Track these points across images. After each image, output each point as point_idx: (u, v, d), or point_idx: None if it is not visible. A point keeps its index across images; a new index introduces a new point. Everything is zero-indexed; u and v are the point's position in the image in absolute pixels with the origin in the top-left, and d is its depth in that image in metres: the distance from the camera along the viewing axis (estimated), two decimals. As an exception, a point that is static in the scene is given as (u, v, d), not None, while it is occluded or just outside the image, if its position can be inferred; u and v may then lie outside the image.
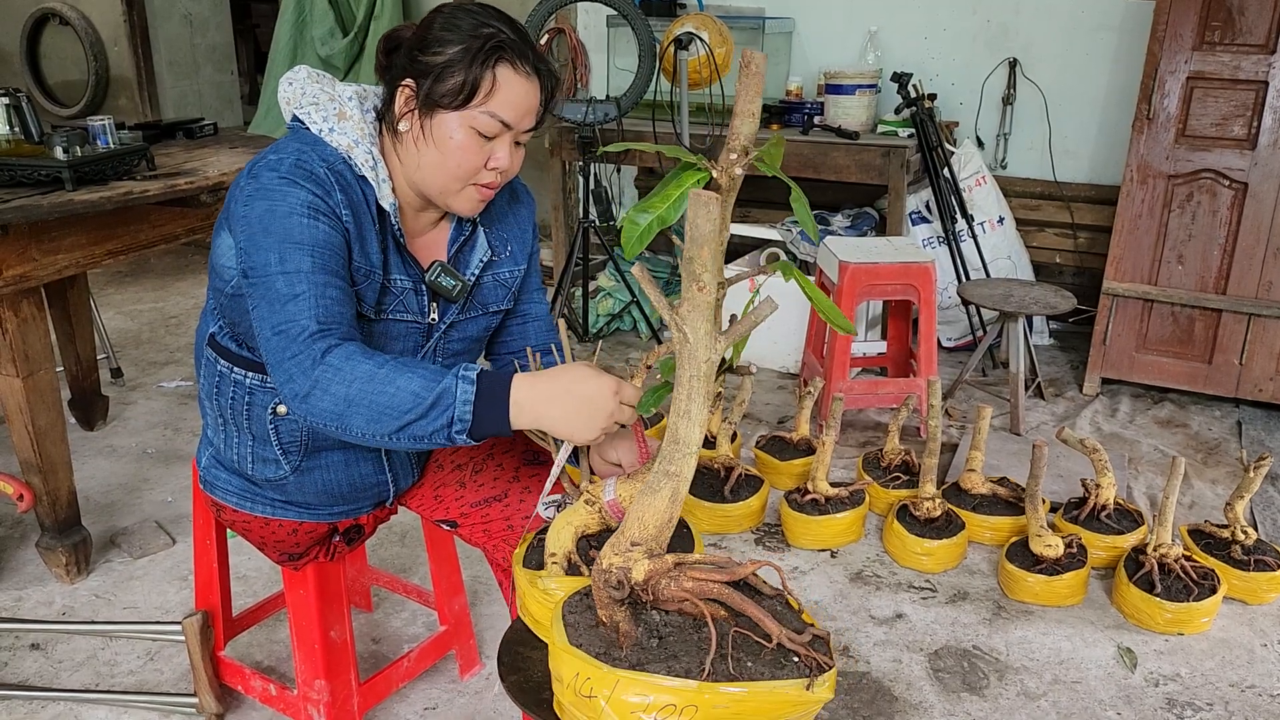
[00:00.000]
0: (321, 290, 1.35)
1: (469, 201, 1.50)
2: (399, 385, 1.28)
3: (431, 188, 1.48)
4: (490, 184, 1.48)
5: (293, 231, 1.36)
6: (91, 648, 2.29)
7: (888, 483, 2.89)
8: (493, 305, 1.66)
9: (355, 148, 1.45)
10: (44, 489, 2.43)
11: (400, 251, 1.52)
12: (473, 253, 1.61)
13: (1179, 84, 3.41)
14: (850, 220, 4.19)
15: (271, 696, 1.99)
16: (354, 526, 1.76)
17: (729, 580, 1.18)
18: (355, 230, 1.43)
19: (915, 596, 2.52)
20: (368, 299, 1.47)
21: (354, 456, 1.63)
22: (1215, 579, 2.39)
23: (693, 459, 1.17)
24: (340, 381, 1.29)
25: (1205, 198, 3.46)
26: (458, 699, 2.14)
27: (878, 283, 3.26)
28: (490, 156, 1.45)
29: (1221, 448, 3.36)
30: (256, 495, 1.66)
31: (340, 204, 1.40)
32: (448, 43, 1.40)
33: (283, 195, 1.37)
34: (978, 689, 2.19)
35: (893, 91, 4.08)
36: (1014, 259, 4.21)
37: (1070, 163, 4.31)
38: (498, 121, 1.42)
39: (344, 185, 1.42)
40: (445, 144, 1.43)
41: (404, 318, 1.53)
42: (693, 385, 1.12)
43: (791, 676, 1.10)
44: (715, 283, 1.08)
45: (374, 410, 1.27)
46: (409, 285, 1.53)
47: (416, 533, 2.75)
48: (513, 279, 1.68)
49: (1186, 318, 3.57)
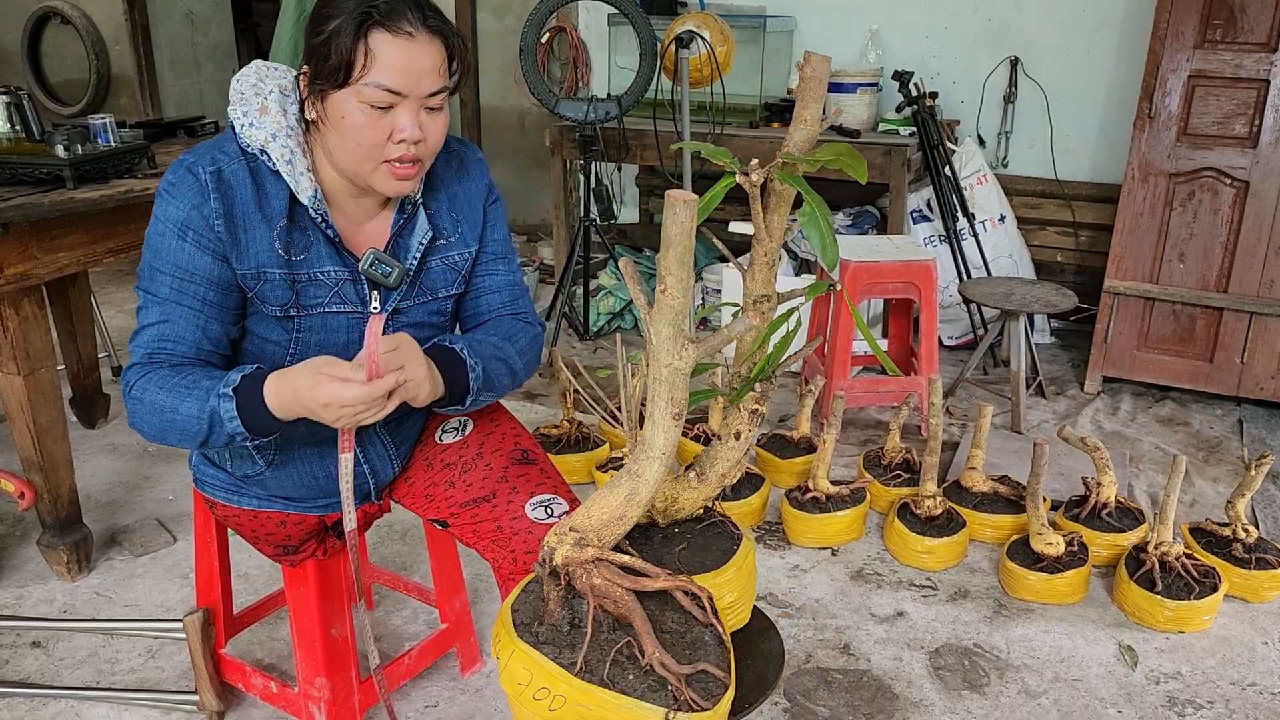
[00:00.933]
0: (166, 316, 1.44)
1: (389, 180, 1.46)
2: (182, 412, 1.39)
3: (348, 171, 1.47)
4: (404, 158, 1.44)
5: (161, 250, 1.44)
6: (93, 645, 2.29)
7: (889, 481, 2.89)
8: (442, 290, 1.63)
9: (272, 141, 1.45)
10: (45, 487, 2.43)
11: (330, 243, 1.50)
12: (412, 235, 1.58)
13: (1180, 82, 3.40)
14: (851, 219, 4.20)
15: (272, 694, 1.99)
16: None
17: (633, 588, 1.17)
18: (233, 237, 1.43)
19: (916, 594, 2.52)
20: (274, 298, 1.48)
21: (327, 450, 1.64)
22: (1216, 577, 2.39)
23: (657, 463, 1.16)
24: (146, 412, 1.42)
25: (1207, 196, 3.46)
26: (459, 697, 2.14)
27: (879, 281, 3.26)
28: (393, 129, 1.41)
29: (1223, 446, 3.36)
30: (242, 489, 1.68)
31: (214, 213, 1.42)
32: (327, 19, 1.39)
33: (163, 210, 1.44)
34: (978, 687, 2.19)
35: (894, 90, 4.08)
36: (1015, 257, 4.20)
37: (1071, 161, 4.31)
38: (385, 91, 1.38)
39: (228, 189, 1.44)
40: (342, 124, 1.41)
41: (342, 309, 1.53)
42: (657, 390, 1.11)
43: (657, 703, 1.09)
44: (680, 286, 1.06)
45: (178, 434, 1.42)
46: (345, 276, 1.52)
47: (417, 531, 2.76)
48: (463, 262, 1.64)
49: (1188, 316, 3.56)
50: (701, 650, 1.16)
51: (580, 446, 3.07)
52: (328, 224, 1.49)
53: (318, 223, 1.49)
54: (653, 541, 1.36)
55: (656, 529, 1.38)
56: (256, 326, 1.53)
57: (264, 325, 1.53)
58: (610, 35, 4.69)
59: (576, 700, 1.11)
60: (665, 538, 1.37)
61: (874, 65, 4.26)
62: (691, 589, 1.21)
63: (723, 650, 1.17)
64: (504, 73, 5.43)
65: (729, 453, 1.28)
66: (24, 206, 2.15)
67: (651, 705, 1.09)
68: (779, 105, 4.33)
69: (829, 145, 1.19)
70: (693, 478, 1.33)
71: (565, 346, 4.22)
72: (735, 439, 1.26)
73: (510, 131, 5.62)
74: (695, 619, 1.20)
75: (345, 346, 1.56)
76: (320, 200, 1.48)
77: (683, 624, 1.19)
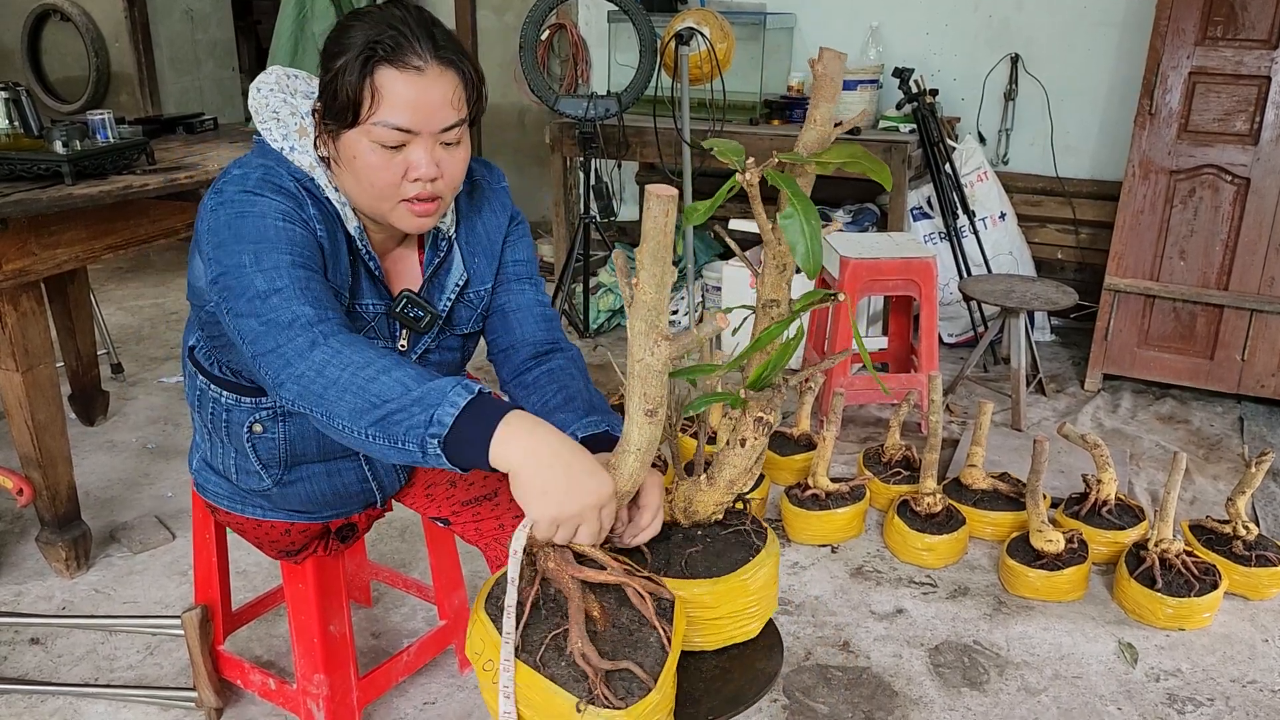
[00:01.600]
0: (305, 283, 1.28)
1: (408, 218, 1.39)
2: (394, 375, 1.18)
3: (366, 210, 1.40)
4: (423, 196, 1.37)
5: (267, 233, 1.30)
6: (91, 642, 2.29)
7: (888, 478, 2.89)
8: (461, 328, 1.58)
9: (316, 168, 1.39)
10: (44, 484, 2.43)
11: (370, 276, 1.46)
12: (448, 276, 1.53)
13: (1181, 79, 3.40)
14: (851, 216, 4.19)
15: (271, 691, 1.98)
16: (347, 525, 1.75)
17: (578, 576, 1.18)
18: (330, 245, 1.37)
19: (916, 592, 2.52)
20: None
21: (335, 468, 1.60)
22: (1216, 574, 2.39)
23: (631, 457, 1.16)
24: (337, 365, 1.20)
25: (1207, 193, 3.45)
26: (457, 693, 2.14)
27: (879, 278, 3.25)
28: (408, 167, 1.34)
29: (1223, 443, 3.36)
30: (245, 499, 1.66)
31: (314, 218, 1.36)
32: (335, 56, 1.32)
33: (252, 204, 1.32)
34: (978, 684, 2.18)
35: (894, 87, 4.07)
36: (1015, 255, 4.20)
37: (1072, 158, 4.30)
38: (395, 130, 1.31)
39: (316, 201, 1.38)
40: (355, 164, 1.35)
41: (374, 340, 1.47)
42: (631, 385, 1.11)
43: (576, 693, 1.10)
44: (654, 282, 1.04)
45: (361, 398, 1.17)
46: (381, 310, 1.48)
47: (416, 528, 2.75)
48: (479, 300, 1.59)
49: (1188, 314, 3.56)
50: (641, 650, 1.15)
51: (580, 443, 3.06)
52: (370, 255, 1.44)
53: (362, 254, 1.44)
54: (669, 541, 1.35)
55: (678, 529, 1.37)
56: None
57: None
58: (610, 32, 4.69)
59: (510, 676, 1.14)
60: (685, 538, 1.36)
61: (874, 62, 4.26)
62: (650, 589, 1.20)
63: (661, 654, 1.15)
64: (504, 70, 5.42)
65: (735, 459, 1.27)
66: (22, 202, 2.15)
67: (567, 694, 1.10)
68: (779, 102, 4.33)
69: (844, 146, 1.16)
70: (703, 481, 1.33)
71: (565, 344, 4.21)
72: (741, 446, 1.25)
73: (510, 129, 5.61)
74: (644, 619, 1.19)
75: None
76: (363, 231, 1.44)
77: (635, 621, 1.19)
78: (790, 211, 1.08)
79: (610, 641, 1.16)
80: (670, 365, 1.10)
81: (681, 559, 1.32)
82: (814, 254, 1.07)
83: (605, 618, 1.18)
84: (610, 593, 1.22)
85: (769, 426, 1.23)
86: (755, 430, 1.22)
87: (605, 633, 1.17)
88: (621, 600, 1.21)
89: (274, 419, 1.53)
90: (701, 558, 1.33)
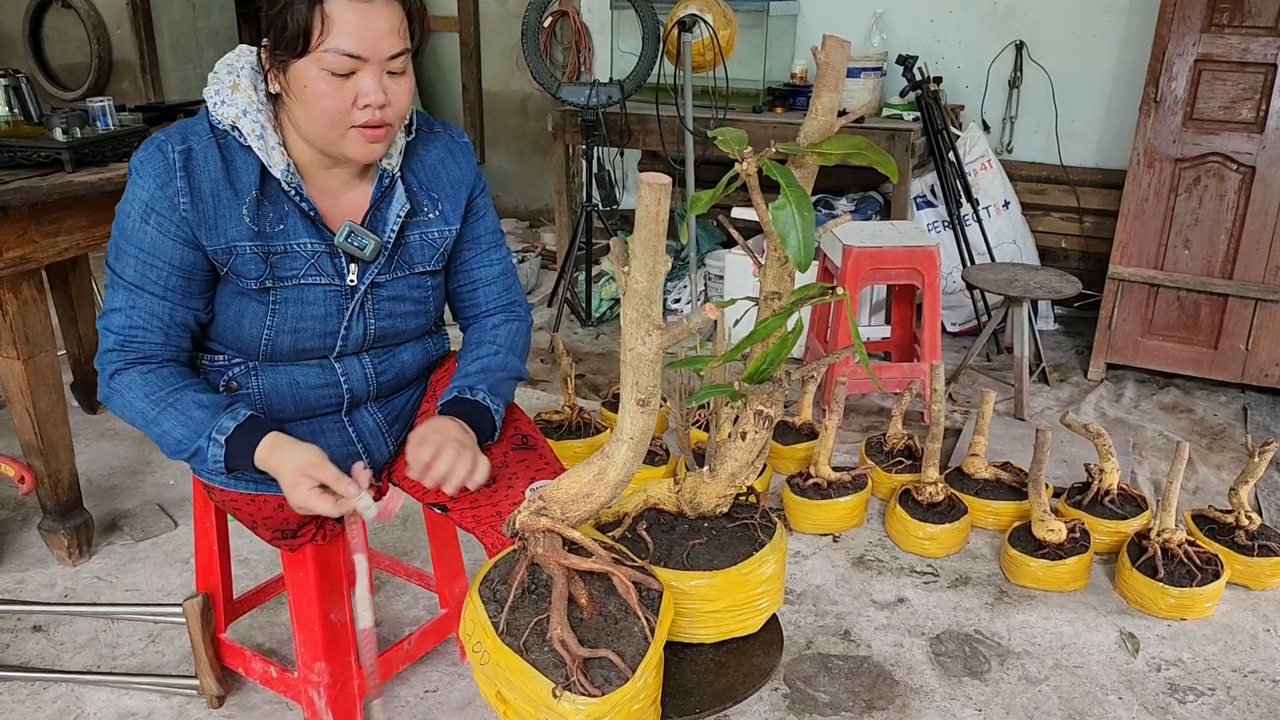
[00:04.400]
0: (133, 303, 1.48)
1: (359, 145, 1.47)
2: (164, 429, 1.48)
3: (317, 141, 1.47)
4: (372, 122, 1.44)
5: (126, 230, 1.47)
6: (93, 629, 2.30)
7: (890, 467, 2.88)
8: (419, 265, 1.64)
9: (243, 118, 1.46)
10: (45, 471, 2.43)
11: (305, 216, 1.51)
12: (390, 207, 1.58)
13: (1187, 67, 3.38)
14: (854, 204, 4.18)
15: (272, 679, 1.98)
16: None
17: (564, 564, 1.18)
18: (201, 215, 1.45)
19: (917, 581, 2.52)
20: (248, 272, 1.49)
21: (318, 427, 1.65)
22: (1219, 564, 2.39)
23: (625, 446, 1.16)
24: (124, 407, 1.50)
25: (1212, 182, 3.44)
26: (458, 681, 2.14)
27: (882, 267, 3.24)
28: (357, 94, 1.42)
29: (1226, 433, 3.35)
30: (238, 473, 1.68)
31: (179, 192, 1.43)
32: None
33: (131, 189, 1.46)
34: (979, 673, 2.18)
35: (898, 74, 4.05)
36: (1019, 243, 4.18)
37: (1077, 146, 4.28)
38: (344, 56, 1.39)
39: (196, 167, 1.45)
40: (305, 93, 1.42)
41: (319, 281, 1.54)
42: (625, 375, 1.11)
43: (554, 679, 1.11)
44: (645, 270, 1.04)
45: (155, 440, 1.50)
46: (322, 248, 1.53)
47: (417, 516, 2.75)
48: (443, 239, 1.65)
49: (1192, 303, 3.55)
50: (624, 639, 1.16)
51: (581, 432, 3.07)
52: (301, 197, 1.51)
53: (291, 196, 1.50)
54: (674, 531, 1.35)
55: (684, 520, 1.37)
56: (233, 300, 1.54)
57: (240, 299, 1.54)
58: (613, 19, 4.67)
59: (496, 658, 1.15)
60: (691, 530, 1.36)
61: (878, 49, 4.24)
62: (638, 578, 1.21)
63: (643, 645, 1.16)
64: (506, 57, 5.40)
65: (737, 452, 1.26)
66: (22, 190, 2.15)
67: (545, 679, 1.11)
68: (782, 90, 4.31)
69: (847, 137, 1.15)
70: (706, 473, 1.33)
71: (567, 333, 4.21)
72: (742, 439, 1.25)
73: (512, 116, 5.59)
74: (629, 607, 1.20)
75: (323, 318, 1.57)
76: (293, 173, 1.50)
77: (622, 611, 1.20)
78: (783, 202, 1.07)
79: (594, 629, 1.17)
80: (662, 356, 1.09)
81: (684, 551, 1.32)
82: (805, 245, 1.06)
83: (592, 605, 1.18)
84: (600, 581, 1.22)
85: (770, 420, 1.22)
86: (756, 424, 1.22)
87: (591, 620, 1.18)
88: (611, 589, 1.21)
89: (246, 374, 1.59)
90: (705, 550, 1.33)
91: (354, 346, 1.62)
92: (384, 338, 1.65)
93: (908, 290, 3.62)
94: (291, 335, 1.56)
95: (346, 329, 1.59)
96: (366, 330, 1.61)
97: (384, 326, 1.63)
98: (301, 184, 1.51)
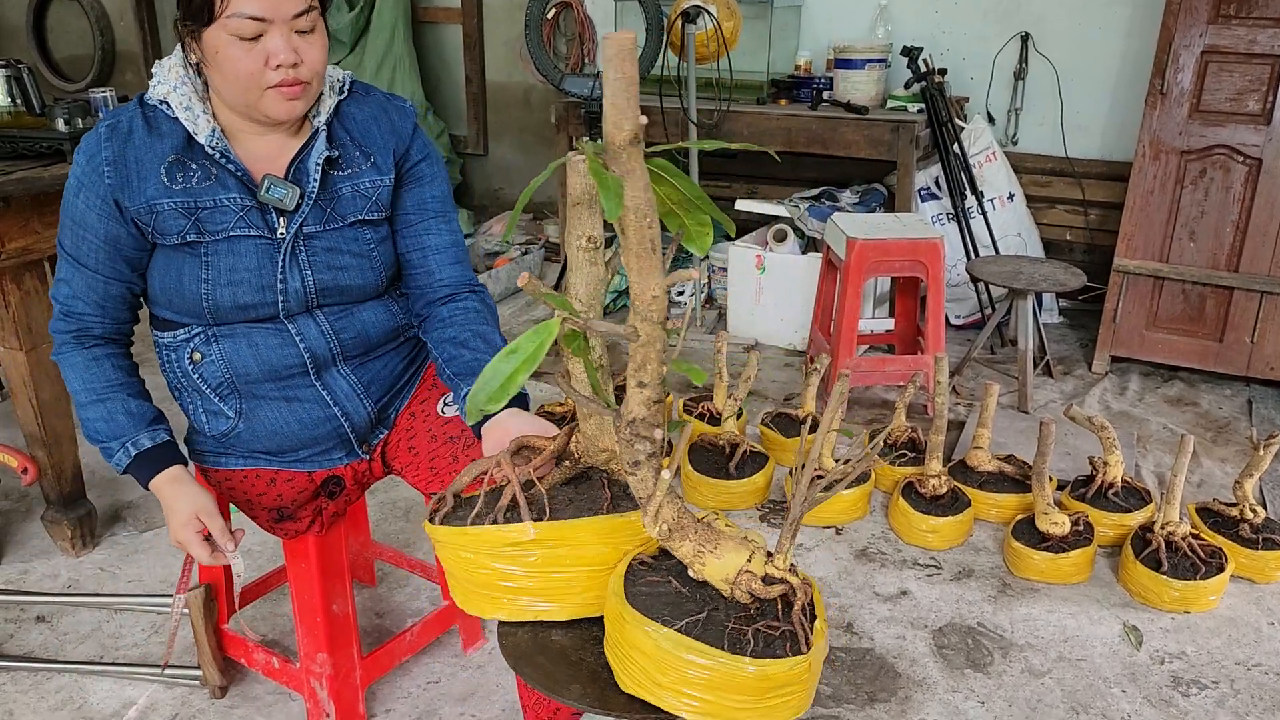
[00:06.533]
0: (72, 275, 1.58)
1: (278, 103, 1.51)
2: (89, 418, 1.62)
3: (238, 105, 1.52)
4: (286, 81, 1.48)
5: (66, 205, 1.56)
6: (96, 620, 2.30)
7: (894, 460, 2.88)
8: (352, 215, 1.65)
9: (172, 93, 1.54)
10: (49, 462, 2.43)
11: (233, 175, 1.55)
12: (309, 157, 1.61)
13: (1194, 58, 3.36)
14: (859, 196, 4.16)
15: (274, 669, 1.99)
16: (332, 478, 1.76)
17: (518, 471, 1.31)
18: (123, 179, 1.51)
19: (920, 573, 2.51)
20: (169, 228, 1.54)
21: (291, 394, 1.67)
22: (1223, 557, 2.38)
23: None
24: (66, 379, 1.63)
25: (1218, 174, 3.42)
26: (460, 673, 2.15)
27: (886, 259, 3.23)
28: (267, 55, 1.46)
29: (1231, 426, 3.34)
30: (226, 449, 1.73)
31: (104, 162, 1.51)
32: None
33: (73, 168, 1.55)
34: (982, 666, 2.18)
35: (903, 66, 4.03)
36: (1024, 236, 4.17)
37: (1082, 138, 4.27)
38: (249, 19, 1.43)
39: (121, 137, 1.52)
40: (218, 59, 1.47)
41: (249, 233, 1.58)
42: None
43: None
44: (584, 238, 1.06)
45: (79, 419, 1.64)
46: (252, 204, 1.57)
47: (420, 508, 2.75)
48: (375, 190, 1.66)
49: (1198, 295, 3.53)
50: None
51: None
52: (228, 159, 1.55)
53: (217, 159, 1.55)
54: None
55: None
56: (169, 260, 1.58)
57: (175, 257, 1.57)
58: (616, 10, 4.65)
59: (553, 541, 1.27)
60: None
61: (883, 41, 4.22)
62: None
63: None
64: (509, 48, 5.39)
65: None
66: (25, 180, 2.15)
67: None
68: (787, 82, 4.30)
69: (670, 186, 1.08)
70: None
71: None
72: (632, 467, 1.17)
73: (515, 108, 5.58)
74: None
75: (257, 270, 1.59)
76: (219, 137, 1.54)
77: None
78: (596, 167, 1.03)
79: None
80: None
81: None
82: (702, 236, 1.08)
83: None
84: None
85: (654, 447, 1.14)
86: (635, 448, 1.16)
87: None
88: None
89: (206, 342, 1.63)
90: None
91: (298, 302, 1.62)
92: (329, 291, 1.64)
93: (911, 283, 3.61)
94: (230, 289, 1.58)
95: (283, 281, 1.60)
96: (305, 282, 1.62)
97: (324, 279, 1.63)
98: (229, 147, 1.55)
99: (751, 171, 4.80)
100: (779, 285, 3.92)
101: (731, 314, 4.09)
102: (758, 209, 4.11)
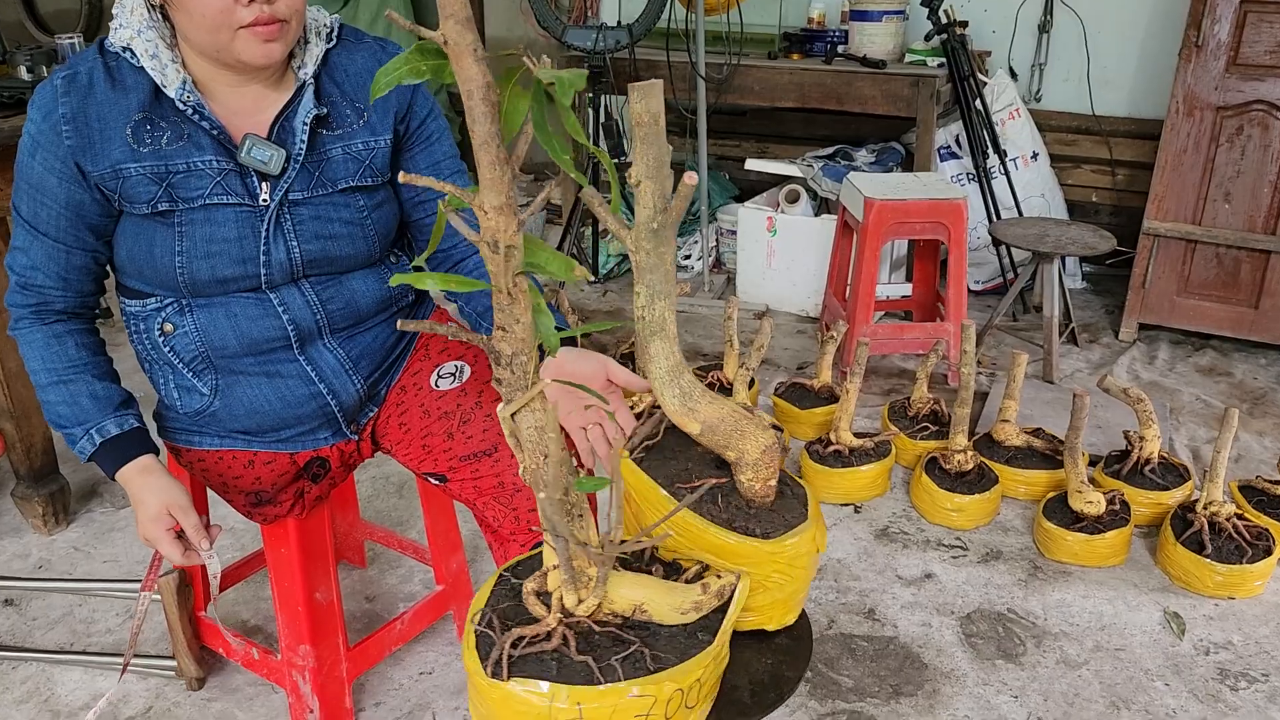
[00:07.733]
0: (30, 243, 1.43)
1: (252, 47, 1.34)
2: (50, 400, 1.46)
3: (209, 50, 1.36)
4: (261, 19, 1.32)
5: (20, 167, 1.41)
6: (68, 604, 2.16)
7: (915, 433, 2.73)
8: (343, 181, 1.49)
9: (136, 38, 1.37)
10: (17, 435, 2.29)
11: (208, 134, 1.40)
12: (296, 116, 1.45)
13: (1232, 9, 3.16)
14: (875, 155, 3.98)
15: (254, 661, 1.85)
16: (316, 460, 1.61)
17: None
18: (85, 140, 1.36)
19: (945, 555, 2.37)
20: (138, 195, 1.39)
21: (272, 369, 1.52)
22: (1270, 539, 2.23)
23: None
24: (24, 358, 1.47)
25: (1256, 131, 3.24)
26: (455, 662, 2.00)
27: (906, 220, 3.06)
28: None
29: (1268, 397, 3.18)
30: (200, 428, 1.58)
31: (61, 119, 1.36)
32: None
33: (27, 124, 1.39)
34: (1014, 656, 2.04)
35: (922, 17, 3.83)
36: (1048, 197, 3.99)
37: (1109, 94, 4.07)
38: None
39: (80, 91, 1.36)
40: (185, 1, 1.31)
41: (227, 201, 1.41)
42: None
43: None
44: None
45: (39, 401, 1.48)
46: (230, 167, 1.42)
47: (413, 485, 2.60)
48: (370, 152, 1.50)
49: (1232, 259, 3.36)
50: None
51: (588, 395, 2.91)
52: (202, 115, 1.39)
53: (189, 115, 1.39)
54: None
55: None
56: (139, 229, 1.42)
57: (146, 227, 1.41)
58: (621, -40, 4.45)
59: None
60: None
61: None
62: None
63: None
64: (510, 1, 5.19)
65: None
66: (-20, 132, 1.98)
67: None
68: (799, 35, 4.10)
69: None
70: None
71: (573, 289, 4.04)
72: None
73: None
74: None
75: (237, 241, 1.43)
76: (190, 90, 1.38)
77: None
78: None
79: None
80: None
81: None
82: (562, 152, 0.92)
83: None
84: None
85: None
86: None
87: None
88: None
89: (179, 312, 1.48)
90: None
91: (282, 273, 1.47)
92: (316, 262, 1.49)
93: (931, 246, 3.43)
94: (207, 262, 1.42)
95: (266, 253, 1.44)
96: (291, 254, 1.46)
97: (312, 250, 1.47)
98: (203, 101, 1.39)
99: (762, 129, 4.61)
100: (791, 248, 3.74)
101: (741, 278, 3.92)
102: (769, 169, 3.93)
